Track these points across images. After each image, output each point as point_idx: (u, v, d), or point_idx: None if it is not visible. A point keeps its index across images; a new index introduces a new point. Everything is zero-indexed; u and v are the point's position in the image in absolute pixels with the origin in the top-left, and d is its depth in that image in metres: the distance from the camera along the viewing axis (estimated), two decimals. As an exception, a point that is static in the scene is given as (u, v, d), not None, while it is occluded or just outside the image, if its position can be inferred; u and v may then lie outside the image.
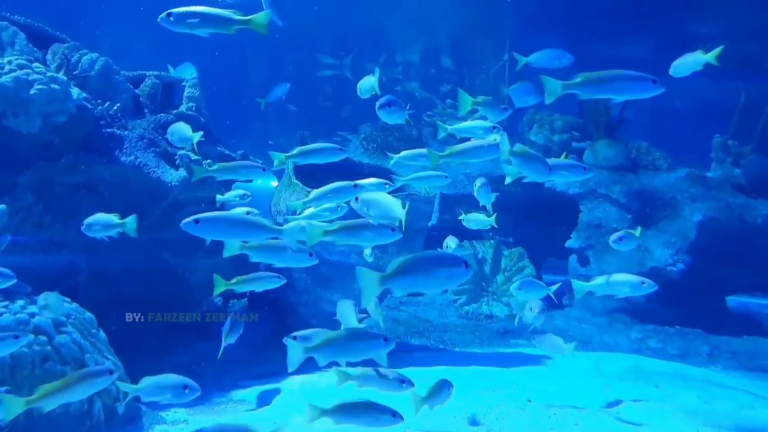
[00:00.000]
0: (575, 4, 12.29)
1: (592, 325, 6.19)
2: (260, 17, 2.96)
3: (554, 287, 4.33)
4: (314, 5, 14.03)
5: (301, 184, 5.36)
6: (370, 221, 2.87)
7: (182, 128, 4.37)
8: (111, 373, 2.68)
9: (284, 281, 3.70)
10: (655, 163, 6.54)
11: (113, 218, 3.64)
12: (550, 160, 3.53)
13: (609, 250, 6.41)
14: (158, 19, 2.93)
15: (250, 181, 6.29)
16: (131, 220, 3.62)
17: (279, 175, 8.12)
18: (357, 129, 11.49)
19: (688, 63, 3.62)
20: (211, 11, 2.93)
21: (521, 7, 13.67)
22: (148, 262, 4.92)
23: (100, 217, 3.65)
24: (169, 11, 2.88)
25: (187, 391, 3.00)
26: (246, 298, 6.40)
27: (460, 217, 4.76)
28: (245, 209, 4.02)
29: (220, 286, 3.55)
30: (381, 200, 2.89)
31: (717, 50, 3.56)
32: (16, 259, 3.83)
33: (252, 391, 4.61)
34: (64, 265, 4.43)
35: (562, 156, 4.54)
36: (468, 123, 3.97)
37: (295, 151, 3.72)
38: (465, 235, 6.38)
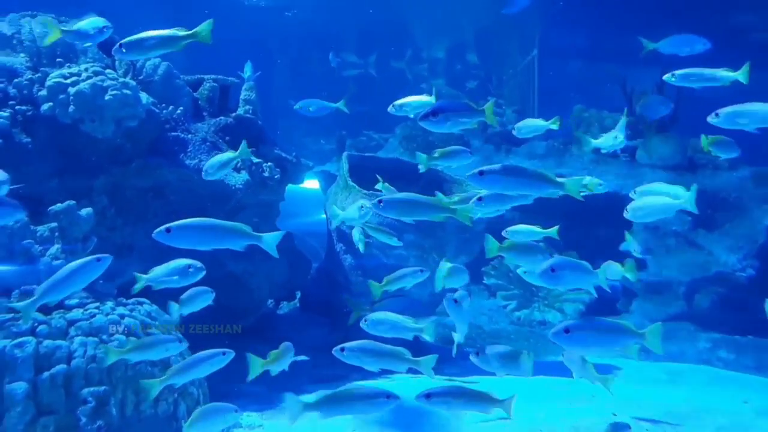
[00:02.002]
0: (607, -4, 12.42)
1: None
2: (203, 28, 3.23)
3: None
4: (338, 3, 14.31)
5: (357, 186, 5.59)
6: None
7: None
8: (224, 354, 3.10)
9: (427, 275, 3.78)
10: (715, 162, 6.68)
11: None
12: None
13: (669, 254, 6.61)
14: (112, 51, 3.32)
15: (300, 182, 6.56)
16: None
17: (322, 177, 8.34)
18: (376, 127, 11.72)
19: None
20: (157, 34, 3.23)
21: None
22: (211, 265, 5.16)
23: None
24: (120, 42, 3.24)
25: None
26: (297, 300, 6.66)
27: (505, 231, 4.25)
28: None
29: (377, 290, 3.70)
30: None
31: (745, 68, 3.72)
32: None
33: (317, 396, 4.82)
34: (135, 267, 4.68)
35: None
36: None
37: (436, 153, 3.87)
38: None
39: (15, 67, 4.67)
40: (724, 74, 3.82)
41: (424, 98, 4.35)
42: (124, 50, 3.24)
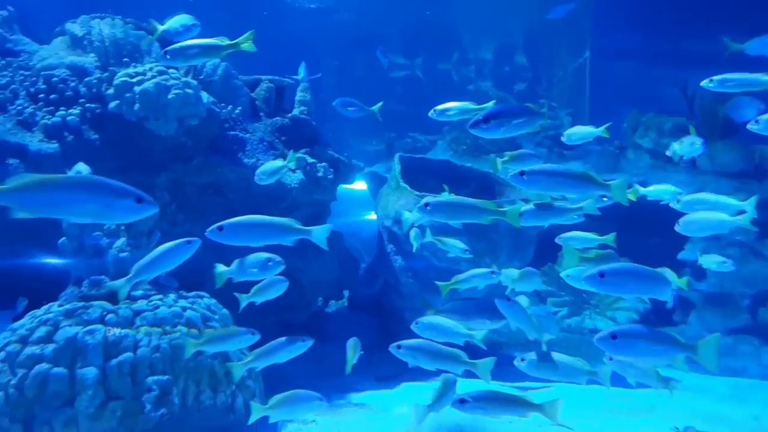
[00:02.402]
0: (662, -4, 12.10)
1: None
2: (245, 38, 3.44)
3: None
4: (386, 5, 14.41)
5: (409, 188, 5.63)
6: None
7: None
8: (303, 341, 3.24)
9: (499, 277, 3.83)
10: (783, 170, 6.43)
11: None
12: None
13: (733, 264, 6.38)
14: (159, 58, 3.38)
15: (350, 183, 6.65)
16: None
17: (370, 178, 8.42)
18: (422, 129, 11.70)
19: None
20: (200, 43, 3.39)
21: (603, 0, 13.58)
22: (265, 263, 5.31)
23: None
24: (165, 50, 3.38)
25: (270, 264, 3.28)
26: (345, 299, 6.75)
27: (558, 238, 4.17)
28: None
29: (445, 289, 3.79)
30: None
31: None
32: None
33: (368, 395, 4.90)
34: (193, 261, 4.85)
35: None
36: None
37: (506, 157, 3.85)
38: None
39: (85, 67, 4.92)
40: (766, 78, 3.70)
41: (467, 104, 4.32)
42: (168, 57, 3.41)
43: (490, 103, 4.48)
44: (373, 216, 8.48)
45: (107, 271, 3.94)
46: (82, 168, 3.52)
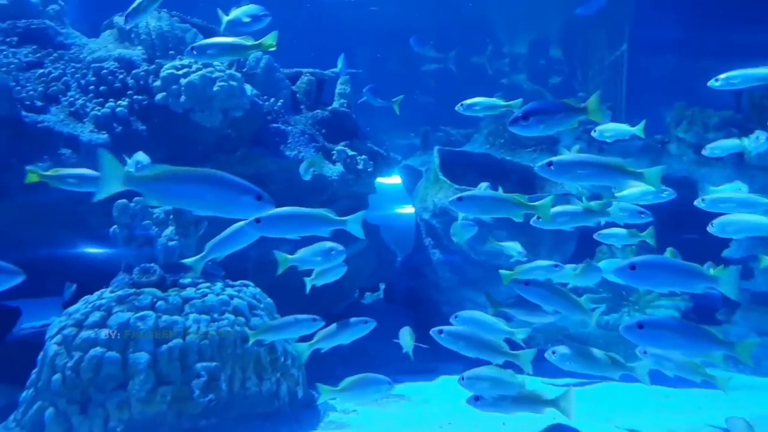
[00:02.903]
0: (705, -13, 11.77)
1: (760, 347, 5.98)
2: (268, 38, 3.57)
3: None
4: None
5: (448, 181, 5.62)
6: None
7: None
8: (366, 323, 3.33)
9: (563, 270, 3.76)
10: (837, 166, 6.22)
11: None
12: None
13: (779, 262, 6.21)
14: (185, 53, 3.57)
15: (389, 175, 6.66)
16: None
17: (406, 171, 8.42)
18: (454, 123, 11.63)
19: None
20: (225, 41, 3.51)
21: (643, -8, 13.27)
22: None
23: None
24: (192, 45, 3.53)
25: (333, 252, 3.36)
26: (381, 291, 6.79)
27: (597, 234, 4.12)
28: None
29: (507, 278, 3.59)
30: None
31: None
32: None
33: (408, 387, 4.93)
34: (236, 252, 4.95)
35: None
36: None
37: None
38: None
39: (133, 59, 5.03)
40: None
41: (494, 100, 4.33)
42: (195, 52, 3.51)
43: (518, 101, 4.45)
44: (407, 209, 8.49)
45: (156, 258, 4.05)
46: (141, 158, 3.61)
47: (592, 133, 4.76)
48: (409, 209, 8.74)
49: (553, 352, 3.40)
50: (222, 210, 2.22)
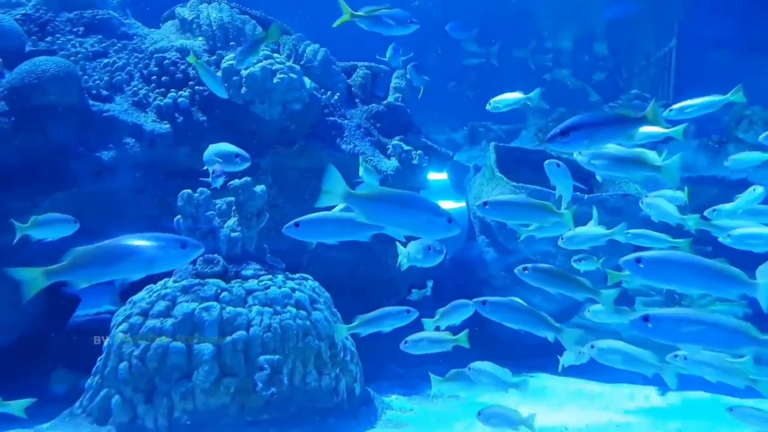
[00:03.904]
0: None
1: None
2: (271, 30, 3.78)
3: None
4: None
5: (505, 178, 5.47)
6: None
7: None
8: (408, 312, 3.21)
9: None
10: None
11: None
12: None
13: None
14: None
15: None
16: None
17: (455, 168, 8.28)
18: (495, 118, 11.39)
19: None
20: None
21: (695, -15, 12.77)
22: (358, 247, 5.31)
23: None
24: None
25: (431, 251, 3.21)
26: (428, 288, 6.68)
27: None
28: None
29: (614, 278, 3.38)
30: None
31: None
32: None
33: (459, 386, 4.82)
34: (293, 244, 4.91)
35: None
36: None
37: None
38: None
39: (194, 50, 5.01)
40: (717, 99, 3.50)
41: (516, 95, 4.19)
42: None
43: (536, 91, 4.24)
44: (453, 204, 8.34)
45: (219, 249, 4.03)
46: (227, 148, 3.55)
47: None
48: (454, 204, 8.59)
49: (592, 346, 3.21)
50: (421, 230, 2.41)
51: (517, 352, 5.29)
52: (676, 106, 3.56)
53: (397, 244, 3.31)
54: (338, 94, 5.30)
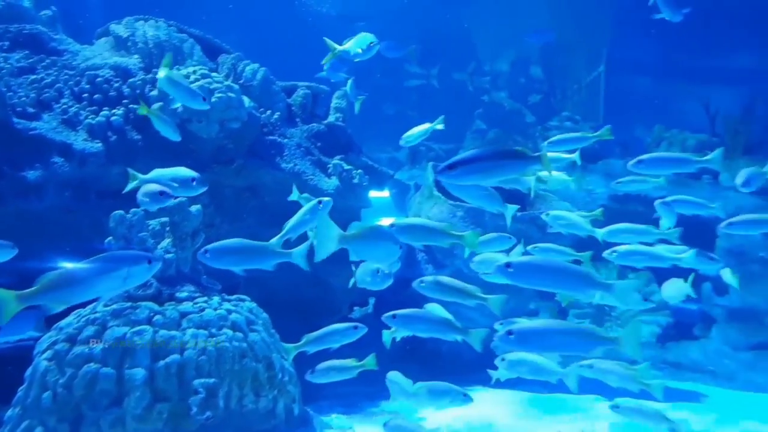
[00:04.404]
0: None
1: (735, 361, 6.11)
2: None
3: None
4: (405, 14, 14.45)
5: (442, 197, 5.61)
6: None
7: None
8: (356, 328, 3.29)
9: None
10: (809, 189, 6.40)
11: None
12: None
13: (754, 280, 6.36)
14: None
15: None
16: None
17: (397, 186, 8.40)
18: (435, 138, 11.69)
19: None
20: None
21: (621, 16, 13.57)
22: (299, 267, 5.29)
23: None
24: None
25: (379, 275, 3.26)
26: (370, 306, 6.71)
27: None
28: None
29: None
30: None
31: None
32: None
33: (402, 403, 4.85)
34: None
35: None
36: None
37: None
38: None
39: (129, 68, 4.91)
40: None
41: (425, 126, 4.44)
42: None
43: (439, 120, 4.45)
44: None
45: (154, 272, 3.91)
46: (183, 173, 3.43)
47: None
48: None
49: (502, 359, 3.34)
50: (384, 258, 2.83)
51: (458, 366, 5.40)
52: (552, 138, 3.80)
53: (353, 266, 3.36)
54: (278, 113, 5.30)
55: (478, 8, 14.20)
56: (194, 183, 3.36)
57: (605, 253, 3.65)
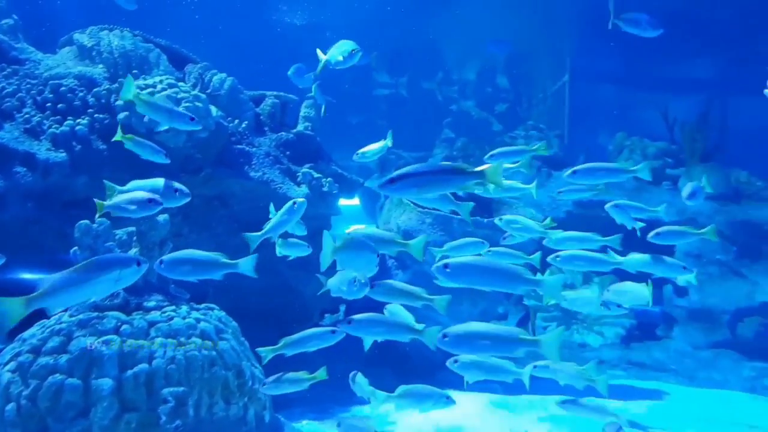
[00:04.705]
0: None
1: (695, 360, 6.36)
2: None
3: None
4: (373, 24, 14.63)
5: (411, 204, 5.72)
6: None
7: None
8: (333, 332, 3.33)
9: None
10: (760, 194, 6.74)
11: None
12: None
13: (712, 282, 6.65)
14: None
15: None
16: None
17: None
18: (405, 146, 11.87)
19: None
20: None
21: (583, 26, 14.00)
22: (268, 274, 5.32)
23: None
24: None
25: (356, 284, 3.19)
26: (341, 313, 6.77)
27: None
28: None
29: None
30: None
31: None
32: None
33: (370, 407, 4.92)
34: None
35: None
36: None
37: None
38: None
39: (94, 77, 4.90)
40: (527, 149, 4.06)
41: (380, 144, 4.55)
42: None
43: (389, 136, 4.61)
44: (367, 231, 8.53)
45: (120, 281, 3.91)
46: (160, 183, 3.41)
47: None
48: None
49: (455, 361, 3.42)
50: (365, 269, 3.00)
51: (428, 368, 5.49)
52: (493, 152, 4.01)
53: (319, 276, 3.43)
54: (246, 122, 5.35)
55: (443, 19, 14.45)
56: (177, 194, 3.35)
57: (549, 258, 3.83)
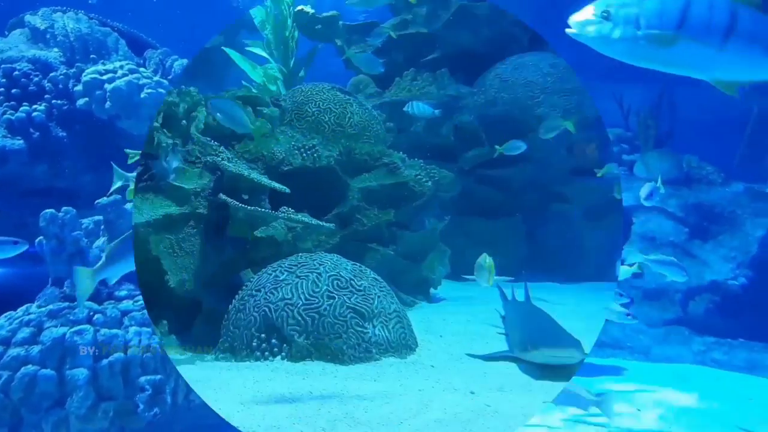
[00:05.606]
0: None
1: (649, 337, 6.82)
2: None
3: None
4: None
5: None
6: None
7: None
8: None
9: None
10: (708, 178, 7.25)
11: None
12: None
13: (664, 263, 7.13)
14: None
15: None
16: None
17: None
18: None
19: None
20: None
21: (540, 15, 14.47)
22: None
23: None
24: None
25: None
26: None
27: None
28: None
29: None
30: None
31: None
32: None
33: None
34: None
35: None
36: None
37: None
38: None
39: (49, 61, 4.86)
40: None
41: None
42: None
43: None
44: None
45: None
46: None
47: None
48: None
49: None
50: None
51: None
52: None
53: None
54: (210, 109, 5.39)
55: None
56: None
57: None
